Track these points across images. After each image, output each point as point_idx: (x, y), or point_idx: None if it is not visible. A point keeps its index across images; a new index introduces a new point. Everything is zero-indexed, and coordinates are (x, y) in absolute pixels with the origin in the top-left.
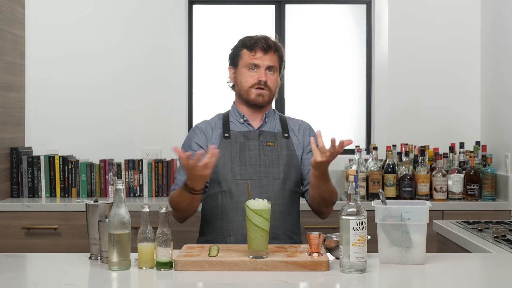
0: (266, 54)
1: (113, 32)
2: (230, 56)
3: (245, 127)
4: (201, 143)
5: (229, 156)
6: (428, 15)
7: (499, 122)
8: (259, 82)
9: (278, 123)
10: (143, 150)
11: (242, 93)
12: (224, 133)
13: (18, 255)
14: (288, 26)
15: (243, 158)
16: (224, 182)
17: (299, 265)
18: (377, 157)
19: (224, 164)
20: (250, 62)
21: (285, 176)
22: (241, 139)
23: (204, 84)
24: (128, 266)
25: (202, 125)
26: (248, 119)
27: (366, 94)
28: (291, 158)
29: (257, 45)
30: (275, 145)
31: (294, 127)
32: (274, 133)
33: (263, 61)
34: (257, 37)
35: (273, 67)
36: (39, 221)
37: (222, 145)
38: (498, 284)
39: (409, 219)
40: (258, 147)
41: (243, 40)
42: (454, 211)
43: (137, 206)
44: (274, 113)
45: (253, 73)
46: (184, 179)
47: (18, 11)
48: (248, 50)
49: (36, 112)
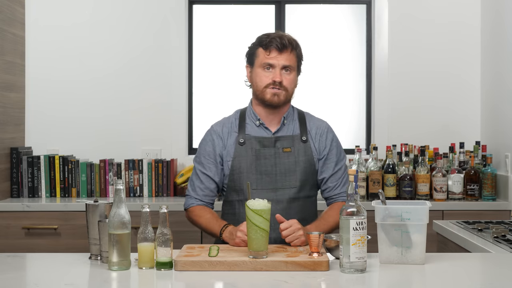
0: (281, 53)
1: (113, 32)
2: (247, 54)
3: (262, 131)
4: (218, 151)
5: (244, 164)
6: (428, 15)
7: (499, 122)
8: (274, 83)
9: (296, 125)
10: (143, 150)
11: (258, 93)
12: (239, 138)
13: (18, 255)
14: (288, 26)
15: (259, 167)
16: (241, 192)
17: (299, 265)
18: (377, 157)
19: (240, 172)
20: (265, 62)
21: (302, 184)
22: (256, 145)
23: (204, 84)
24: (128, 266)
25: (219, 127)
26: (264, 122)
27: (366, 94)
28: (309, 164)
29: (272, 44)
30: (292, 151)
31: (312, 130)
32: (292, 137)
33: (278, 60)
34: (272, 36)
35: (289, 66)
36: (39, 221)
37: (237, 152)
38: (498, 284)
39: (409, 219)
40: (274, 155)
41: (260, 37)
42: (454, 211)
43: (137, 206)
44: (293, 112)
45: (268, 73)
46: (203, 187)
47: (18, 11)
48: (263, 49)
49: (36, 112)
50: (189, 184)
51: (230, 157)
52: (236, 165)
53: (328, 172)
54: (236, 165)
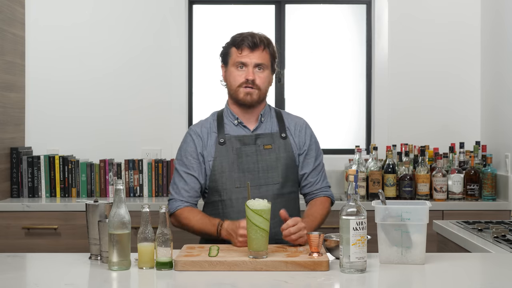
0: (253, 51)
1: (113, 32)
2: (221, 54)
3: (241, 130)
4: (199, 149)
5: (226, 163)
6: (428, 15)
7: (499, 122)
8: (247, 81)
9: (274, 122)
10: (143, 150)
11: (232, 92)
12: (219, 138)
13: (18, 255)
14: (288, 26)
15: (241, 165)
16: (223, 191)
17: (299, 265)
18: (377, 157)
19: (222, 172)
20: (238, 61)
21: (284, 180)
22: (236, 144)
23: (204, 84)
24: (128, 266)
25: (198, 128)
26: (242, 121)
27: (366, 94)
28: (290, 160)
29: (243, 42)
30: (272, 147)
31: (290, 126)
32: (271, 134)
33: (251, 59)
34: (244, 35)
35: (262, 64)
36: (39, 221)
37: (218, 151)
38: (498, 284)
39: (409, 219)
40: (255, 152)
41: (233, 37)
42: (454, 211)
43: (137, 206)
44: (270, 111)
45: (241, 72)
46: (187, 189)
47: (18, 11)
48: (236, 48)
49: (36, 112)
50: (172, 188)
51: (211, 157)
52: (218, 164)
53: (308, 167)
54: (218, 165)
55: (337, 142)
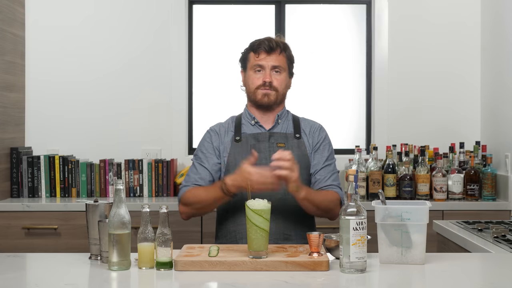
0: (270, 54)
1: (113, 32)
2: (240, 60)
3: (257, 129)
4: (216, 144)
5: (240, 159)
6: (428, 16)
7: (499, 122)
8: (264, 83)
9: (290, 124)
10: (143, 150)
11: (250, 94)
12: (235, 136)
13: (18, 255)
14: (288, 26)
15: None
16: None
17: (299, 265)
18: (377, 157)
19: (235, 167)
20: (255, 64)
21: None
22: (251, 141)
23: (204, 84)
24: (128, 266)
25: (216, 127)
26: (259, 121)
27: (366, 94)
28: (302, 159)
29: (260, 47)
30: (286, 146)
31: (306, 128)
32: (286, 134)
33: (267, 61)
34: (261, 40)
35: (279, 67)
36: (39, 221)
37: (233, 148)
38: (498, 284)
39: (409, 219)
40: (268, 149)
41: (251, 43)
42: (454, 211)
43: (137, 206)
44: (287, 114)
45: (258, 75)
46: (197, 177)
47: (18, 11)
48: (253, 53)
49: (36, 112)
50: (185, 178)
51: (226, 153)
52: (232, 160)
53: (319, 165)
54: (232, 160)
55: (337, 142)
